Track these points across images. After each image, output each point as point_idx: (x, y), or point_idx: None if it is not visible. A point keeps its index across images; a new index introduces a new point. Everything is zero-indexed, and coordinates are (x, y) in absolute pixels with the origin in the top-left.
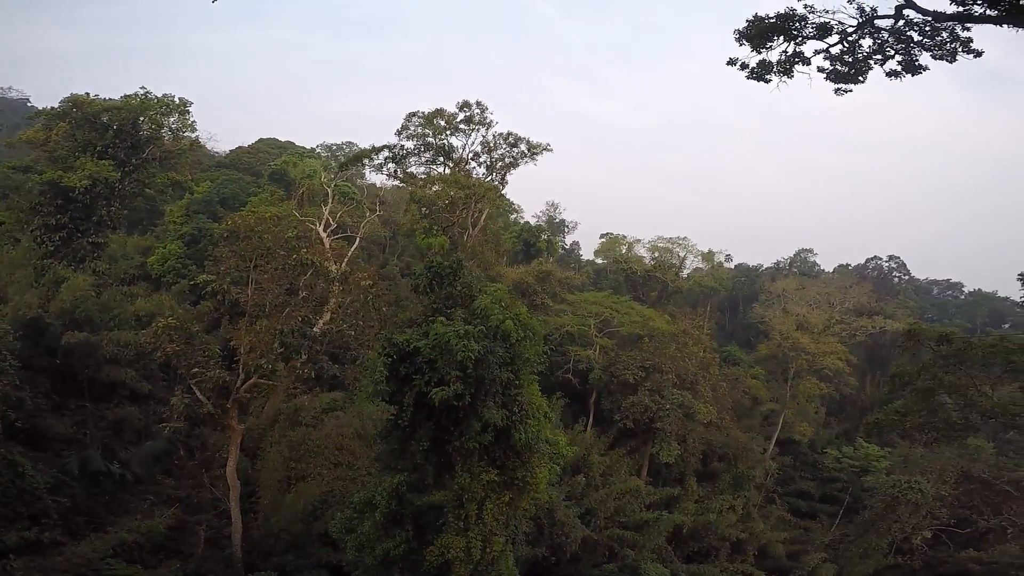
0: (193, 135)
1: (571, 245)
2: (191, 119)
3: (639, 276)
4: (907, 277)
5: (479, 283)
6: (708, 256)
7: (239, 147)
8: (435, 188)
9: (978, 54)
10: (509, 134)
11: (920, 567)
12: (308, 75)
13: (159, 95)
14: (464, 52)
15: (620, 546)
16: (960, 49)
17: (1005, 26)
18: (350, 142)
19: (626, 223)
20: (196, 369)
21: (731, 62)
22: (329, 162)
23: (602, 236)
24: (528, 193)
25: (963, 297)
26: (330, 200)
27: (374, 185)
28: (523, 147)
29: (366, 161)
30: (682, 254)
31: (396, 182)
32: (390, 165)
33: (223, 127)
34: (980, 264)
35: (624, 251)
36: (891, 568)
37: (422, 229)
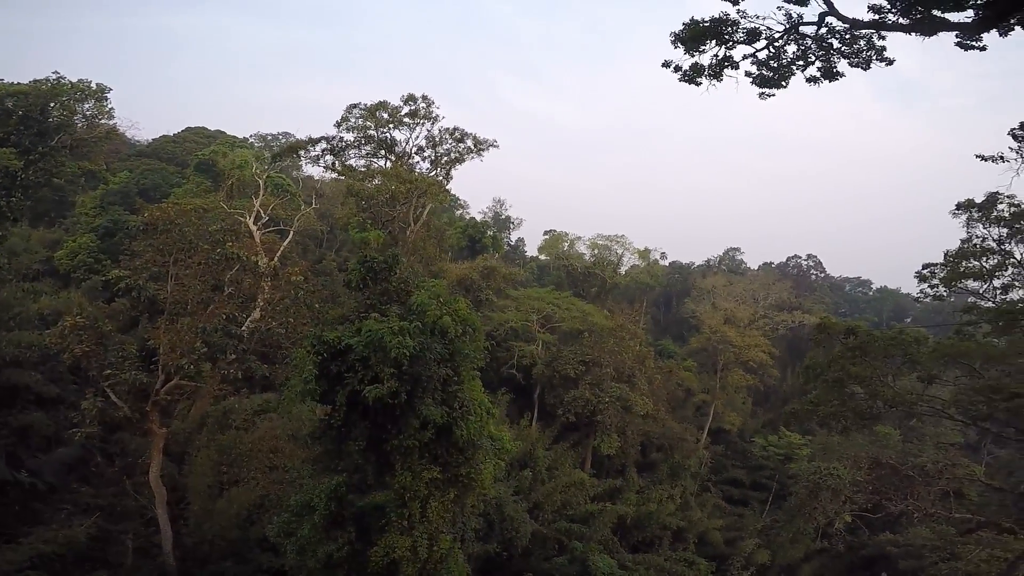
0: (110, 122)
1: (516, 242)
2: (108, 106)
3: (579, 272)
4: (823, 274)
5: (416, 279)
6: (644, 254)
7: (163, 136)
8: (376, 181)
9: (890, 62)
10: (455, 129)
11: (844, 550)
12: (247, 64)
13: (74, 80)
14: (414, 46)
15: (568, 538)
16: (874, 57)
17: (913, 35)
18: (287, 132)
19: (569, 220)
20: (109, 371)
21: (666, 64)
22: (262, 153)
23: (546, 233)
24: (475, 189)
25: (871, 293)
26: (262, 192)
27: (311, 177)
28: (469, 142)
29: (302, 153)
30: (620, 251)
31: (335, 175)
32: (327, 157)
33: (150, 116)
34: (886, 262)
35: (566, 248)
36: (819, 552)
37: (357, 223)
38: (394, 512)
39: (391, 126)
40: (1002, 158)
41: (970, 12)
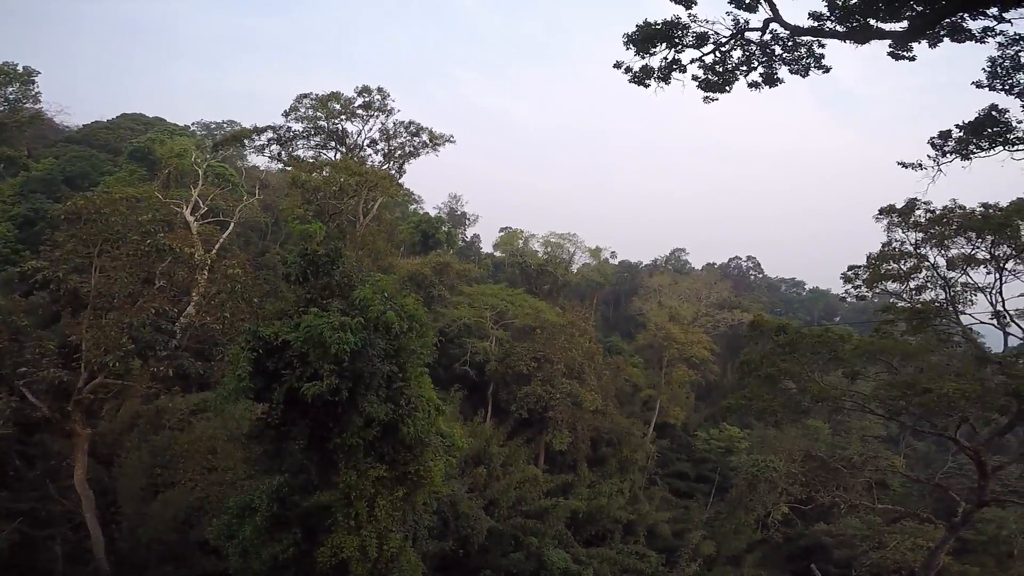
0: (36, 107)
1: (472, 238)
2: (35, 89)
3: (533, 270)
4: (761, 275)
5: (360, 273)
6: (595, 252)
7: (95, 122)
8: (324, 173)
9: (827, 70)
10: (411, 123)
11: (783, 541)
12: (195, 50)
13: None
14: (376, 37)
15: (524, 534)
16: (812, 65)
17: (848, 42)
18: (232, 121)
19: (525, 218)
20: (25, 369)
21: (617, 65)
22: (204, 141)
23: (501, 230)
24: (431, 184)
25: (804, 294)
26: (201, 181)
27: (256, 168)
28: (425, 137)
29: (247, 142)
30: (572, 250)
31: (282, 166)
32: (274, 147)
33: (84, 102)
34: (820, 264)
35: (521, 245)
36: (760, 543)
37: (296, 216)
38: (340, 512)
39: (343, 117)
40: (920, 165)
41: (904, 23)
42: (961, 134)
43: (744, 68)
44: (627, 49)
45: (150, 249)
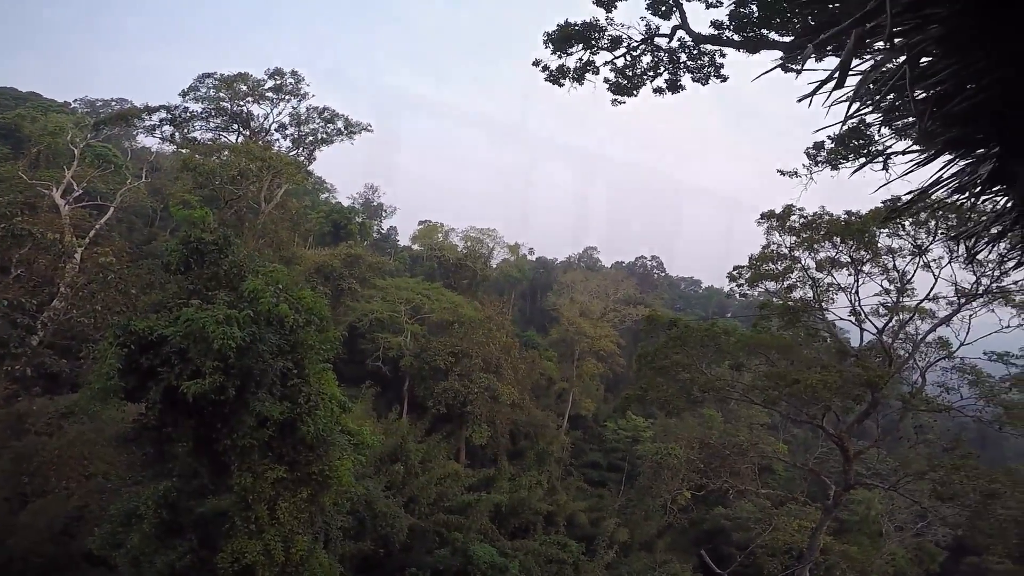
0: None
1: (388, 230)
2: None
3: (452, 264)
4: (664, 274)
5: (253, 263)
6: (514, 248)
7: None
8: (224, 156)
9: (725, 79)
10: (324, 108)
11: (689, 525)
12: (93, 27)
13: None
14: (295, 16)
15: (448, 530)
16: (712, 74)
17: (742, 51)
18: (122, 99)
19: (446, 211)
20: None
21: (536, 63)
22: (86, 119)
23: (420, 223)
24: (349, 174)
25: (700, 291)
26: (76, 162)
27: (147, 149)
28: (340, 124)
29: (137, 122)
30: (491, 245)
31: (175, 148)
32: (167, 128)
33: None
34: (714, 263)
35: (440, 239)
36: (668, 527)
37: (179, 201)
38: (238, 516)
39: (250, 100)
40: (796, 173)
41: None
42: (832, 145)
43: (651, 73)
44: (546, 48)
45: (5, 234)
